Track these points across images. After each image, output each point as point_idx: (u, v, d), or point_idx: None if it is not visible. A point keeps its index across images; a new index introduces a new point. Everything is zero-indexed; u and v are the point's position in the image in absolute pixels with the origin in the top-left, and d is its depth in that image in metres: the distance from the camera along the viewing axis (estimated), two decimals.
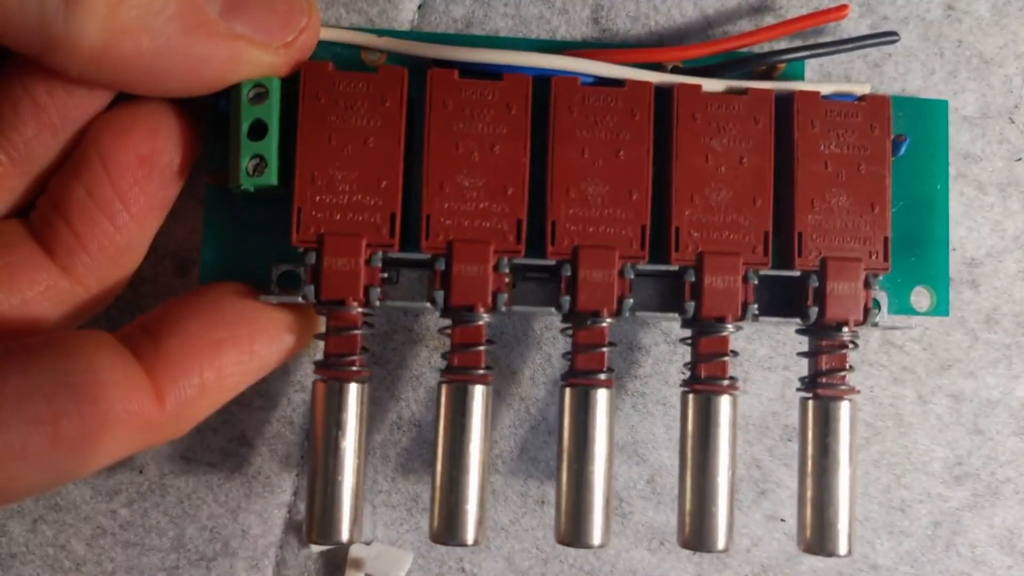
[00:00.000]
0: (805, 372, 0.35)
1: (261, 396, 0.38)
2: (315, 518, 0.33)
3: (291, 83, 0.33)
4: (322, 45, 0.35)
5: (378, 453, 0.38)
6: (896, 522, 0.39)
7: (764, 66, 0.35)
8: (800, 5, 0.38)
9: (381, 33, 0.35)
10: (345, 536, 0.33)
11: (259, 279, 0.34)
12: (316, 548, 0.38)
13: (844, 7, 0.34)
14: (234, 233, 0.35)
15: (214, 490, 0.38)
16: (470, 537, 0.33)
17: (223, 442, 0.38)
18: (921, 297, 0.37)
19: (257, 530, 0.38)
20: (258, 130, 0.33)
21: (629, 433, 0.39)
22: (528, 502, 0.39)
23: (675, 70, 0.35)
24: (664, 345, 0.39)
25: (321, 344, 0.34)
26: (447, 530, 0.33)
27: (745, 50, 0.35)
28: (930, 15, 0.38)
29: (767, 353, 0.39)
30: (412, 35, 0.37)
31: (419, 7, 0.37)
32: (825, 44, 0.35)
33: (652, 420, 0.39)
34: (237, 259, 0.35)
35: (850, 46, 0.35)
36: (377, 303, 0.32)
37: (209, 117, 0.34)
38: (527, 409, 0.39)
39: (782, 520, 0.39)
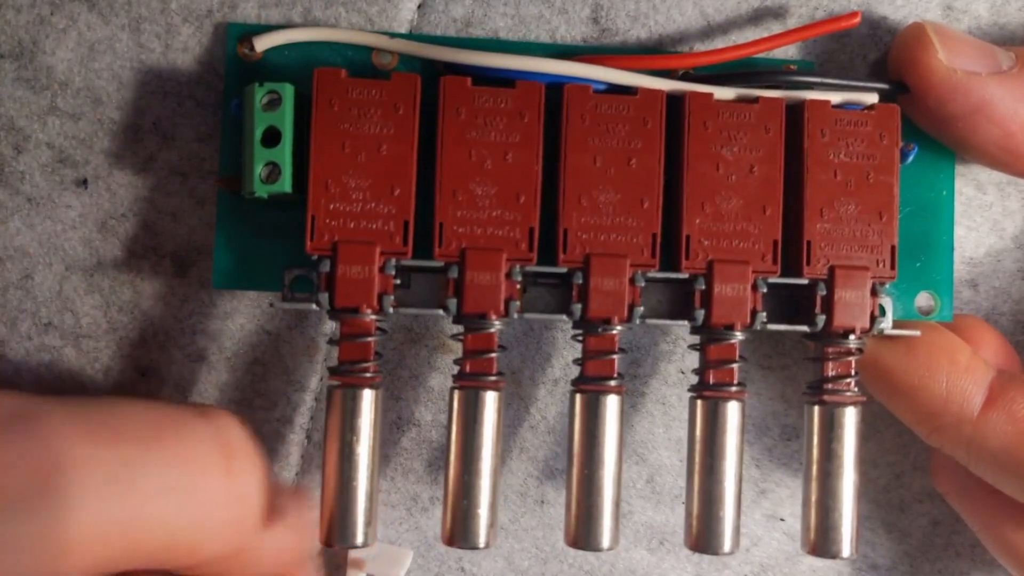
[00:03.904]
0: (805, 370, 0.36)
1: (261, 396, 0.38)
2: (331, 522, 0.33)
3: (304, 89, 0.33)
4: (333, 47, 0.34)
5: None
6: (896, 522, 0.40)
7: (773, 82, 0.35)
8: (800, 4, 0.38)
9: (391, 36, 0.35)
10: (360, 539, 0.33)
11: (271, 283, 0.35)
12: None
13: (856, 14, 0.34)
14: (246, 237, 0.35)
15: None
16: (482, 540, 0.33)
17: None
18: (925, 302, 0.37)
19: None
20: (271, 137, 0.32)
21: (629, 433, 0.39)
22: (528, 502, 0.39)
23: (685, 76, 0.35)
24: (664, 345, 0.39)
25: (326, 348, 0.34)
26: (460, 533, 0.33)
27: (761, 57, 0.36)
28: (929, 15, 0.38)
29: (767, 352, 0.39)
30: (423, 38, 0.36)
31: (419, 7, 0.37)
32: (834, 76, 0.35)
33: (652, 420, 0.39)
34: (249, 263, 0.35)
35: (859, 84, 0.35)
36: (391, 310, 0.33)
37: (222, 120, 0.34)
38: (527, 409, 0.39)
39: (781, 520, 0.40)
